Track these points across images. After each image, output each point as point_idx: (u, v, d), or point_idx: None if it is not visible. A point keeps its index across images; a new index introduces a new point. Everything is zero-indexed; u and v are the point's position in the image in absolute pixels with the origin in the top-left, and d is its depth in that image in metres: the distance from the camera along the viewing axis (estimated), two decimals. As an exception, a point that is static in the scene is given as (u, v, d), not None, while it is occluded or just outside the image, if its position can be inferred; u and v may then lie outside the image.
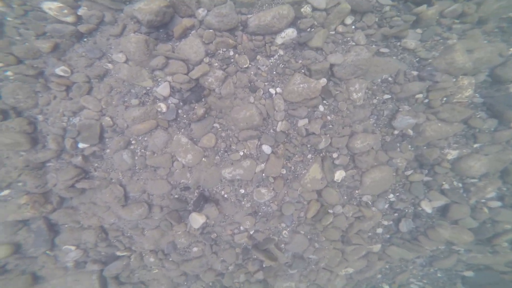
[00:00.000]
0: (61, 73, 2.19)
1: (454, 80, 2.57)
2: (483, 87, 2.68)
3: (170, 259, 2.81)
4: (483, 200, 2.81)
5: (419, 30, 2.54)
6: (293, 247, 2.76)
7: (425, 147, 2.67)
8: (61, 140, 2.31)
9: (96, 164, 2.44)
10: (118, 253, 2.78)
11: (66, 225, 2.68)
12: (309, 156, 2.50)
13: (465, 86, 2.58)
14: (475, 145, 2.70)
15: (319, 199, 2.62)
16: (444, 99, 2.61)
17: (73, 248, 2.71)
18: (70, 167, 2.36)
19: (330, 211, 2.67)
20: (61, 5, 2.03)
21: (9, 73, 2.19)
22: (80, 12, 2.11)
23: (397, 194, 2.79)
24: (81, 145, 2.31)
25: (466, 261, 3.09)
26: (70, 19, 2.12)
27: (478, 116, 2.68)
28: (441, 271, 3.26)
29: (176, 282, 3.00)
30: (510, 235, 2.81)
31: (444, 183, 2.72)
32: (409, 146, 2.67)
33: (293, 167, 2.51)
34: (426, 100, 2.60)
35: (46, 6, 2.07)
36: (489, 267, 3.07)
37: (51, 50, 2.14)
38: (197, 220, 2.49)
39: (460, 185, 2.77)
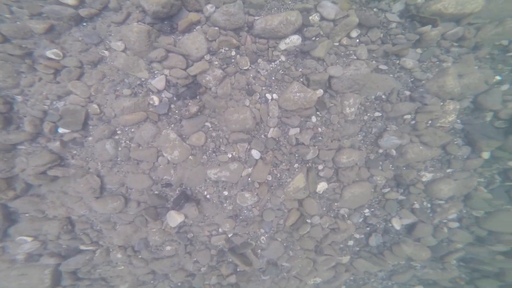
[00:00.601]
0: (52, 56, 2.41)
1: (442, 104, 3.16)
2: (465, 113, 3.31)
3: (140, 256, 3.14)
4: (444, 221, 3.56)
5: (419, 50, 3.05)
6: (269, 253, 3.22)
7: (404, 168, 3.27)
8: (39, 123, 2.52)
9: (74, 152, 2.67)
10: (82, 247, 3.05)
11: (27, 214, 2.89)
12: (296, 165, 2.95)
13: (450, 111, 3.19)
14: (448, 170, 3.37)
15: (300, 209, 3.11)
16: (429, 122, 3.23)
17: (29, 239, 2.92)
18: (44, 152, 2.58)
19: (308, 221, 3.19)
20: None
21: None
22: None
23: (372, 209, 3.39)
24: (61, 130, 2.52)
25: (420, 276, 3.89)
26: (71, 1, 2.34)
27: (455, 142, 3.34)
28: (397, 284, 3.99)
29: (142, 280, 3.31)
30: (460, 254, 3.59)
31: (415, 202, 3.37)
32: (390, 165, 3.27)
33: (279, 175, 2.95)
34: (413, 122, 3.19)
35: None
36: (436, 283, 3.94)
37: (45, 32, 2.34)
38: (175, 218, 2.83)
39: (429, 205, 3.47)
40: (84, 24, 2.48)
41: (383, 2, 2.91)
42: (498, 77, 3.27)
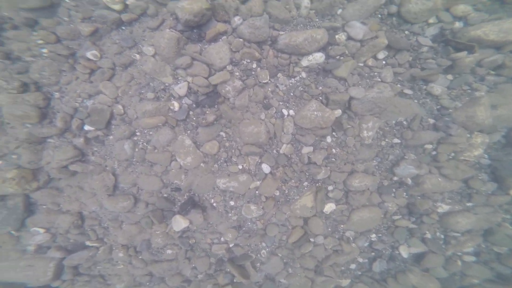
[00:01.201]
0: (91, 57, 2.74)
1: (469, 136, 3.13)
2: (494, 148, 3.26)
3: (140, 257, 3.42)
4: (459, 253, 3.58)
5: (450, 77, 3.04)
6: (268, 268, 3.43)
7: (419, 197, 3.35)
8: (69, 119, 2.85)
9: (95, 149, 2.98)
10: (88, 243, 3.36)
11: (44, 206, 3.21)
12: (305, 183, 3.12)
13: (477, 144, 3.15)
14: (468, 204, 3.38)
15: (304, 227, 3.29)
16: (452, 154, 3.21)
17: (42, 231, 3.24)
18: (69, 147, 2.89)
19: (312, 239, 3.36)
20: None
21: (45, 50, 2.79)
22: (129, 1, 2.64)
23: (380, 235, 3.50)
24: (86, 127, 2.85)
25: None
26: (118, 7, 2.67)
27: (480, 177, 3.30)
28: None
29: (139, 281, 3.60)
30: None
31: (427, 232, 3.45)
32: (404, 193, 3.34)
33: (287, 191, 3.13)
34: (434, 152, 3.20)
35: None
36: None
37: (90, 34, 2.68)
38: (180, 223, 3.06)
39: (442, 236, 3.51)
40: (123, 28, 2.80)
41: (416, 25, 2.93)
42: None
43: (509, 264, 3.47)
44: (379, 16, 2.91)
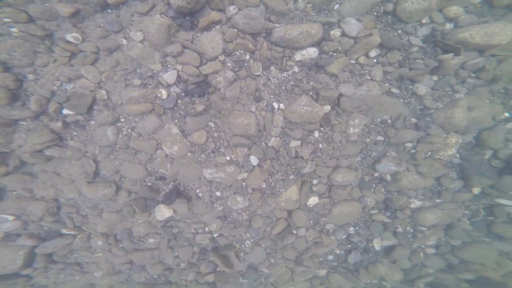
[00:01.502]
0: (72, 40, 2.62)
1: (445, 136, 3.36)
2: (465, 148, 3.52)
3: (120, 246, 3.44)
4: (423, 246, 3.93)
5: (435, 77, 3.20)
6: (251, 258, 3.59)
7: (395, 193, 3.62)
8: (44, 103, 2.73)
9: (75, 133, 2.90)
10: (64, 231, 3.32)
11: (14, 192, 3.10)
12: (291, 177, 3.26)
13: (452, 144, 3.39)
14: (437, 200, 3.70)
15: (288, 219, 3.45)
16: (429, 153, 3.45)
17: (11, 218, 3.14)
18: (45, 131, 2.79)
19: (294, 231, 3.54)
20: None
21: (14, 29, 2.63)
22: None
23: (357, 228, 3.75)
24: (65, 111, 2.74)
25: (387, 296, 4.26)
26: None
27: (450, 176, 3.59)
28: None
29: (118, 269, 3.64)
30: (429, 279, 4.08)
31: (399, 226, 3.75)
32: (383, 189, 3.58)
33: (273, 184, 3.24)
34: (413, 151, 3.42)
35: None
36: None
37: (70, 16, 2.53)
38: (163, 212, 3.10)
39: (411, 230, 3.83)
40: (109, 11, 2.67)
41: (410, 24, 3.03)
42: (507, 114, 3.39)
43: (459, 255, 3.87)
44: (375, 13, 2.98)
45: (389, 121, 3.28)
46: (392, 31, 3.04)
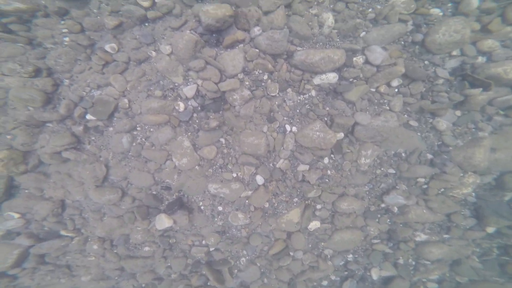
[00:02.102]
0: (109, 49, 2.99)
1: (462, 175, 3.36)
2: (483, 188, 3.50)
3: (115, 251, 3.68)
4: (424, 280, 4.01)
5: (458, 113, 3.20)
6: (244, 275, 3.80)
7: (401, 225, 3.77)
8: (72, 107, 3.04)
9: (93, 138, 3.20)
10: (63, 232, 3.55)
11: (26, 191, 3.36)
12: (295, 199, 3.45)
13: (468, 183, 3.39)
14: (445, 236, 3.75)
15: (286, 240, 3.67)
16: (442, 190, 3.48)
17: (16, 216, 3.39)
18: (67, 134, 3.08)
19: (291, 253, 3.75)
20: None
21: (67, 39, 3.01)
22: None
23: (356, 256, 3.93)
24: (88, 117, 3.05)
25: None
26: (146, 3, 2.88)
27: (462, 213, 3.62)
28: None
29: (107, 275, 3.88)
30: None
31: (400, 257, 3.91)
32: (388, 220, 3.72)
33: (276, 204, 3.44)
34: (425, 186, 3.47)
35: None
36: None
37: (113, 28, 2.89)
38: (163, 222, 3.33)
39: (414, 263, 3.95)
40: (146, 24, 2.99)
41: (438, 56, 3.05)
42: None
43: (463, 292, 4.09)
44: (402, 42, 3.08)
45: (403, 154, 3.38)
46: (418, 61, 3.09)
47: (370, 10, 2.98)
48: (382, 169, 3.37)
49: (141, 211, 3.32)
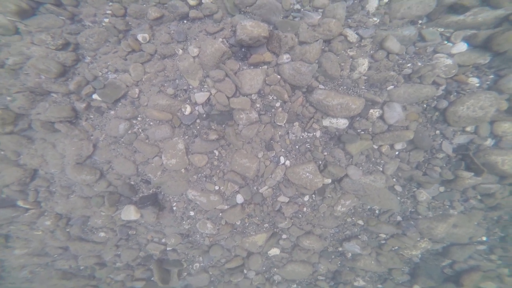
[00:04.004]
0: (140, 39, 2.96)
1: (418, 239, 3.63)
2: (430, 252, 3.83)
3: (67, 230, 3.62)
4: None
5: (441, 188, 3.36)
6: (193, 280, 3.94)
7: (348, 268, 4.09)
8: (83, 85, 2.91)
9: (91, 116, 3.09)
10: (20, 203, 3.38)
11: (2, 152, 3.18)
12: (266, 225, 3.61)
13: (420, 247, 3.67)
14: (379, 286, 4.13)
15: (244, 259, 3.86)
16: (396, 248, 3.77)
17: None
18: (67, 107, 2.96)
19: (245, 271, 3.99)
20: None
21: (106, 20, 2.92)
22: (205, 0, 2.79)
23: (299, 287, 4.18)
24: (95, 96, 2.99)
25: None
26: (193, 2, 2.84)
27: (402, 269, 3.96)
28: None
29: (45, 252, 3.82)
30: None
31: None
32: (339, 262, 4.00)
33: (247, 224, 3.57)
34: (383, 242, 3.75)
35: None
36: None
37: (154, 19, 2.87)
38: (130, 213, 3.30)
39: None
40: (185, 21, 2.90)
41: (452, 128, 3.03)
42: (484, 238, 3.62)
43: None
44: (424, 105, 3.04)
45: (377, 211, 3.62)
46: (431, 129, 3.09)
47: (409, 65, 2.91)
48: (353, 218, 3.59)
49: (112, 198, 3.35)
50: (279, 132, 3.10)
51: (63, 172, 3.32)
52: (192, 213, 3.47)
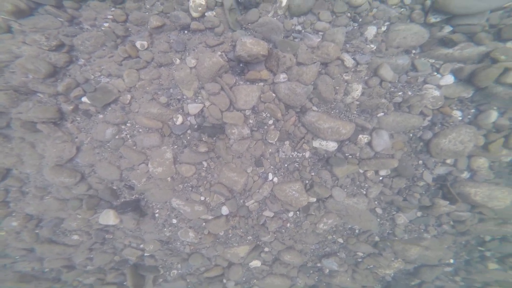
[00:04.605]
0: (138, 46, 2.88)
1: (393, 259, 3.75)
2: (402, 272, 3.97)
3: (36, 231, 3.46)
4: None
5: (419, 213, 3.47)
6: (168, 287, 3.86)
7: (324, 284, 4.10)
8: (72, 87, 2.80)
9: (78, 118, 2.97)
10: None
11: None
12: (249, 237, 3.58)
13: (393, 267, 3.79)
14: None
15: (225, 269, 3.84)
16: (371, 266, 3.86)
17: None
18: (53, 108, 2.83)
19: (224, 281, 3.95)
20: (203, 2, 2.70)
21: (106, 25, 2.84)
22: (208, 13, 2.72)
23: None
24: (84, 99, 2.89)
25: None
26: (196, 14, 2.76)
27: (375, 287, 4.09)
28: None
29: (5, 253, 3.62)
30: None
31: None
32: (316, 277, 4.04)
33: (230, 235, 3.53)
34: (360, 260, 3.84)
35: (196, -4, 3.08)
36: None
37: (155, 28, 2.80)
38: (109, 218, 3.22)
39: None
40: (185, 32, 2.83)
41: (433, 159, 3.16)
42: (451, 260, 3.76)
43: None
44: (411, 135, 3.13)
45: (356, 231, 3.68)
46: (414, 159, 3.18)
47: (400, 93, 2.97)
48: (334, 236, 3.65)
49: (91, 201, 3.23)
50: (270, 150, 3.10)
51: (39, 173, 3.19)
52: (174, 221, 3.43)
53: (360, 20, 2.75)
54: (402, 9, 2.74)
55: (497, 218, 3.44)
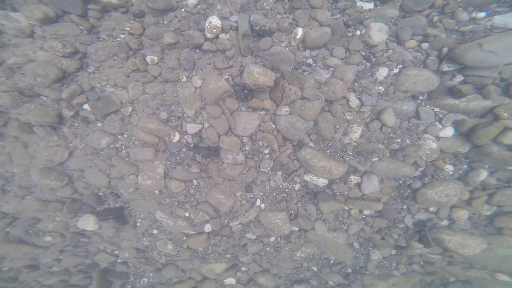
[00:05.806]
0: (148, 60, 2.83)
1: None
2: None
3: (7, 230, 3.33)
4: None
5: (393, 251, 3.56)
6: None
7: None
8: (77, 93, 2.74)
9: (76, 124, 2.89)
10: None
11: None
12: (228, 256, 3.56)
13: None
14: None
15: (198, 283, 3.78)
16: None
17: None
18: (54, 112, 2.76)
19: None
20: (219, 25, 2.61)
21: (122, 36, 2.78)
22: (221, 36, 2.64)
23: None
24: (85, 107, 2.87)
25: None
26: (210, 35, 2.67)
27: None
28: None
29: None
30: None
31: None
32: None
33: (210, 251, 3.48)
34: None
35: (233, 19, 2.71)
36: None
37: (168, 44, 2.74)
38: (88, 224, 3.12)
39: None
40: (197, 51, 2.74)
41: (417, 206, 3.18)
42: None
43: None
44: (401, 181, 3.13)
45: (331, 261, 3.70)
46: (399, 203, 3.17)
47: (398, 140, 2.91)
48: (309, 264, 3.66)
49: (73, 205, 3.14)
50: (261, 177, 3.07)
51: (26, 173, 3.08)
52: (155, 232, 3.36)
53: (374, 60, 2.66)
54: (418, 53, 2.66)
55: (465, 262, 3.56)
